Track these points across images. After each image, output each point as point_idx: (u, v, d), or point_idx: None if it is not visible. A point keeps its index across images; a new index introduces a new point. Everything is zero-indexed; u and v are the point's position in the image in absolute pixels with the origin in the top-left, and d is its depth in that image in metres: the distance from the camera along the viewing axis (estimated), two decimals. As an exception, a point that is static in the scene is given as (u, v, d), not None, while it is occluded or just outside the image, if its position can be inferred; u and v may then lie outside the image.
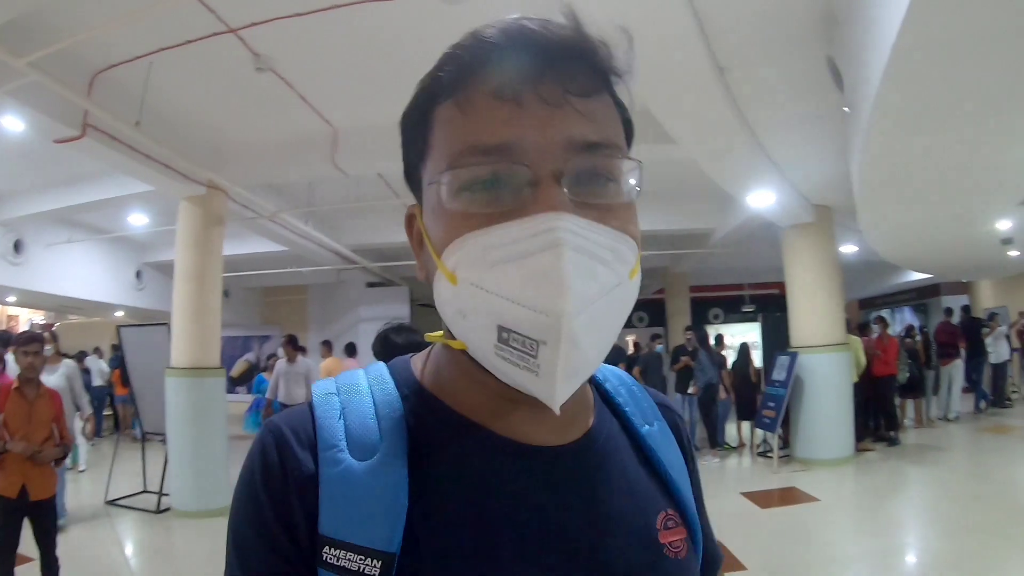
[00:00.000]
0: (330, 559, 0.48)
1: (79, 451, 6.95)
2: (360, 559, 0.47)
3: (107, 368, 10.53)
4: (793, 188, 6.24)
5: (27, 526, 3.25)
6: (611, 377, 0.67)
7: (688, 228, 9.16)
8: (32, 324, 11.48)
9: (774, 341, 7.79)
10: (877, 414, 7.94)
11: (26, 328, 7.78)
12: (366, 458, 0.50)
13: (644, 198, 0.53)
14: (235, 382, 10.10)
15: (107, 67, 4.32)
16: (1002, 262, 8.92)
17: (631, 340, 11.98)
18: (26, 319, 12.27)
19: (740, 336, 10.44)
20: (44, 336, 3.81)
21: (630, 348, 11.25)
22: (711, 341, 8.62)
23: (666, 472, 0.61)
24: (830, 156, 5.28)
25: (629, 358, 9.83)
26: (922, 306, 14.22)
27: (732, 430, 8.37)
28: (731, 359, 8.58)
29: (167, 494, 5.62)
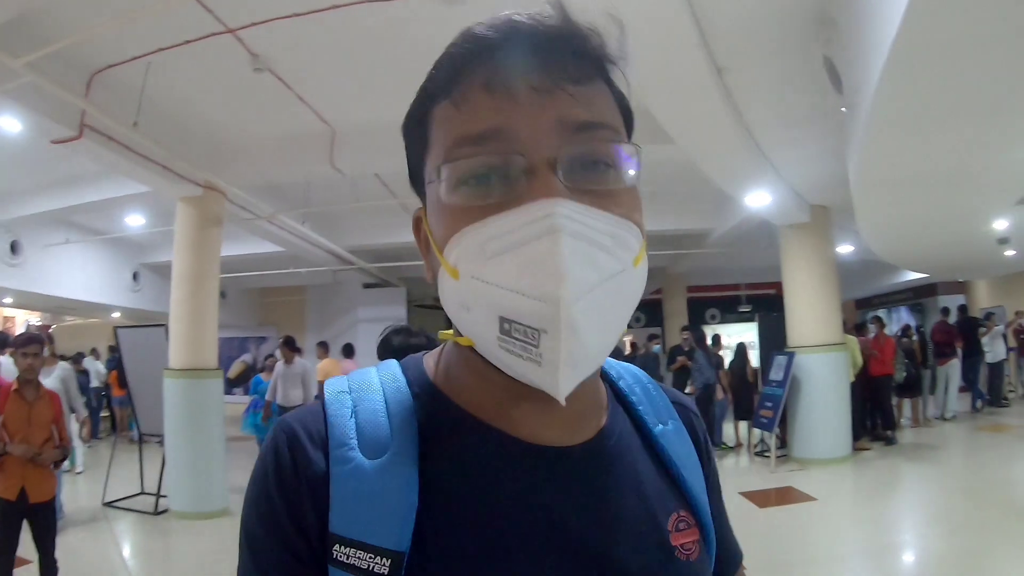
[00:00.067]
0: (340, 557, 0.48)
1: (75, 453, 6.91)
2: (370, 557, 0.47)
3: (104, 369, 10.51)
4: (790, 188, 6.26)
5: (26, 528, 3.24)
6: (626, 375, 0.67)
7: (685, 228, 9.17)
8: (29, 325, 11.45)
9: (771, 341, 7.79)
10: (874, 414, 7.96)
11: (23, 329, 7.75)
12: (377, 456, 0.50)
13: (642, 198, 0.52)
14: (232, 383, 10.07)
15: (105, 68, 4.32)
16: (999, 262, 8.93)
17: (628, 340, 11.98)
18: (22, 320, 12.23)
19: (737, 336, 10.46)
20: (43, 337, 3.79)
21: (627, 348, 11.25)
22: (708, 341, 8.64)
23: (679, 472, 0.61)
24: (827, 156, 5.29)
25: (626, 358, 9.84)
26: (919, 306, 14.23)
27: (729, 430, 8.39)
28: (728, 359, 8.60)
29: (164, 495, 5.59)
